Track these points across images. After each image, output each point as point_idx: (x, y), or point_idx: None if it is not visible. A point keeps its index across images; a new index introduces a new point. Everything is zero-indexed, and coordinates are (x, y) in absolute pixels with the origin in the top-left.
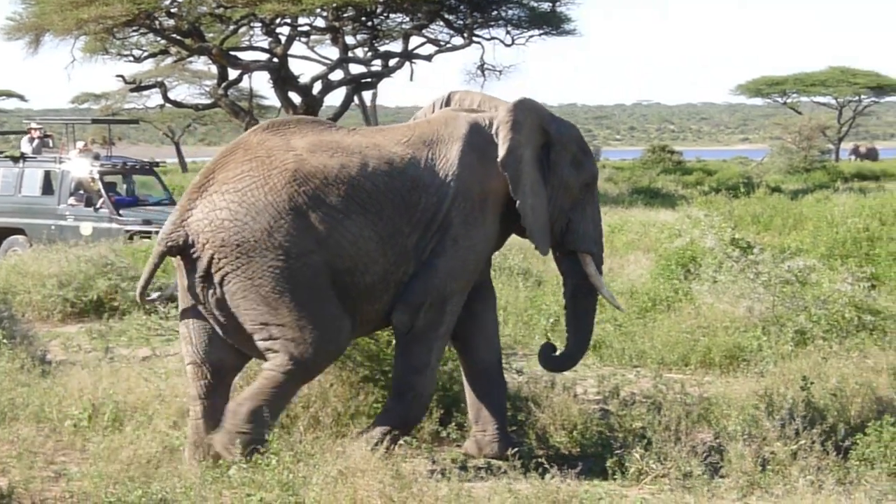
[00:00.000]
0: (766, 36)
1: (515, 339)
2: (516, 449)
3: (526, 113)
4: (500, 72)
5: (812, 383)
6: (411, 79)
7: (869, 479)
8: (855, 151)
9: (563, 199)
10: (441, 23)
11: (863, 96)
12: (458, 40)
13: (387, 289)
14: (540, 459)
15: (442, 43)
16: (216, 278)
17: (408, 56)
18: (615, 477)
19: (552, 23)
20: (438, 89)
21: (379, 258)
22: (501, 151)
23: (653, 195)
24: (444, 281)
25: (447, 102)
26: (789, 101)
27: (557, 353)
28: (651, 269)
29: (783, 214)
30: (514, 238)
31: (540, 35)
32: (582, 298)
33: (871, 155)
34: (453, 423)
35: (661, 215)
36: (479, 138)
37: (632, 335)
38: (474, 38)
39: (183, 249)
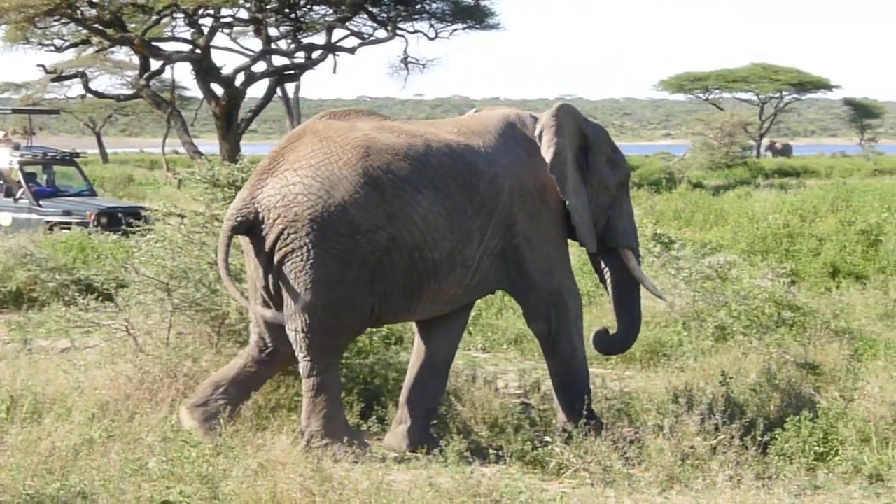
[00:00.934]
0: (689, 32)
1: None
2: (436, 446)
3: (567, 117)
4: (423, 65)
5: (732, 378)
6: (334, 71)
7: (788, 473)
8: (770, 148)
9: (602, 198)
10: (365, 15)
11: (784, 93)
12: (381, 33)
13: (452, 268)
14: (461, 453)
15: (365, 36)
16: (279, 255)
17: (331, 48)
18: (536, 471)
19: (475, 17)
20: (361, 82)
21: (447, 234)
22: (548, 155)
23: None
24: (545, 282)
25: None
26: (711, 97)
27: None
28: (574, 264)
29: (705, 210)
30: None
31: (463, 29)
32: (626, 292)
33: (786, 151)
34: (374, 417)
35: None
36: (520, 132)
37: None
38: (398, 32)
39: (252, 227)
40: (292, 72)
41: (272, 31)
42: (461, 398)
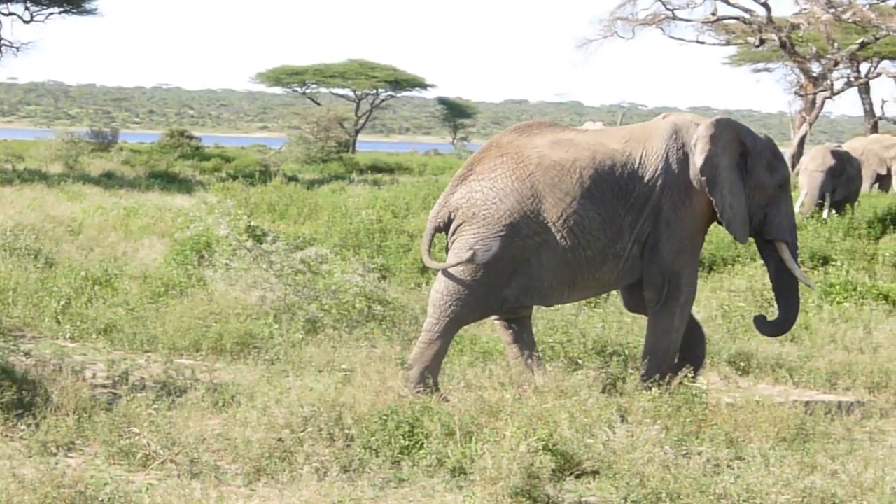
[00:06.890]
0: (287, 26)
1: (25, 322)
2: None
3: (723, 128)
4: (17, 48)
5: (321, 372)
6: None
7: (373, 466)
8: None
9: (759, 198)
10: None
11: (380, 90)
12: None
13: (605, 260)
14: (46, 443)
15: None
16: (452, 239)
17: None
18: (122, 462)
19: (72, 1)
20: None
21: (600, 236)
22: (699, 160)
23: (170, 180)
24: (670, 260)
25: None
26: (309, 91)
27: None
28: (165, 254)
29: (299, 204)
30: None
31: (60, 13)
32: (784, 278)
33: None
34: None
35: (178, 200)
36: (681, 138)
37: (143, 320)
38: None
39: (446, 225)
40: None
41: None
42: (47, 387)
